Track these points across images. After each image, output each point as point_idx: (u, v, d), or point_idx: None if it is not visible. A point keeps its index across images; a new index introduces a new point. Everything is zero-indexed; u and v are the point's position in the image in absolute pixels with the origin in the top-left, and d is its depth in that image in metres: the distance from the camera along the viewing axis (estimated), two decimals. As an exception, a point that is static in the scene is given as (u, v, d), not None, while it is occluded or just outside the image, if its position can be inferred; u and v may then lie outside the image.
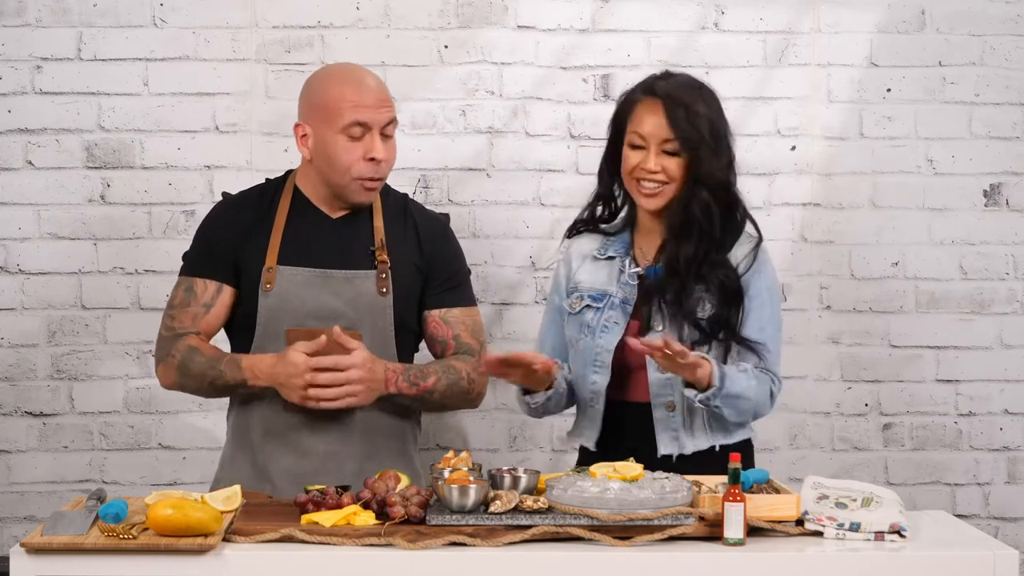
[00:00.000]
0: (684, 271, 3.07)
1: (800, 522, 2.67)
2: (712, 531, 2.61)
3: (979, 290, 4.07)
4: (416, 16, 3.98)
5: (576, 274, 3.23)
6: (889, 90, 4.04)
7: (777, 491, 2.77)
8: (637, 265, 3.17)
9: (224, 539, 2.54)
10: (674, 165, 3.09)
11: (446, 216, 3.36)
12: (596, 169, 3.55)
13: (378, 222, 3.19)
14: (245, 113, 3.98)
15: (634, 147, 3.12)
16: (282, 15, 3.97)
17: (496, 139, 4.01)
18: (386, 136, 3.14)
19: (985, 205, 4.06)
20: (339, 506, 2.69)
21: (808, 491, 2.75)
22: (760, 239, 3.17)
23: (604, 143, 3.28)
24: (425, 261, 3.20)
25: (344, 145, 3.10)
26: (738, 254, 3.13)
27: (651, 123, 3.10)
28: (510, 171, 4.01)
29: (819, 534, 2.65)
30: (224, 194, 3.34)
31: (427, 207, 3.43)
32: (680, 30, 4.01)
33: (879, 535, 2.63)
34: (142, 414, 4.00)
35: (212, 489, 3.16)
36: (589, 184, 3.99)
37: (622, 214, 3.26)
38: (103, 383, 3.98)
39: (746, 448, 3.14)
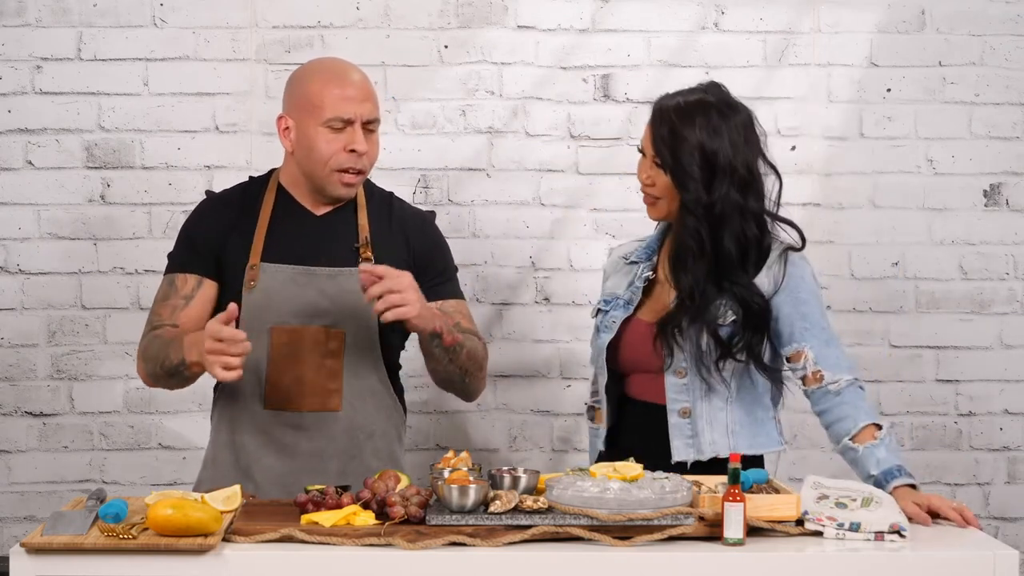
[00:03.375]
0: (691, 298, 2.98)
1: (800, 522, 2.66)
2: (712, 531, 2.61)
3: (979, 290, 4.07)
4: (416, 16, 3.98)
5: (607, 280, 3.21)
6: (889, 90, 4.04)
7: (777, 491, 2.77)
8: (654, 272, 3.12)
9: (224, 539, 2.54)
10: (663, 181, 2.99)
11: (432, 213, 3.33)
12: (595, 169, 3.60)
13: (363, 219, 3.17)
14: (245, 113, 3.98)
15: (640, 151, 3.06)
16: (282, 15, 3.97)
17: (496, 139, 4.01)
18: (368, 131, 3.11)
19: (985, 205, 4.06)
20: (339, 506, 2.69)
21: (808, 491, 2.75)
22: (791, 247, 3.02)
23: (604, 143, 3.25)
24: (413, 258, 3.17)
25: (326, 137, 3.07)
26: (767, 271, 3.00)
27: (645, 133, 3.04)
28: (510, 171, 4.01)
29: (819, 534, 2.64)
30: (207, 192, 3.33)
31: (422, 207, 3.41)
32: (680, 30, 4.01)
33: (879, 535, 2.63)
34: (142, 414, 4.00)
35: (195, 490, 3.16)
36: (589, 184, 4.01)
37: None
38: (103, 383, 3.98)
39: (759, 460, 3.08)
